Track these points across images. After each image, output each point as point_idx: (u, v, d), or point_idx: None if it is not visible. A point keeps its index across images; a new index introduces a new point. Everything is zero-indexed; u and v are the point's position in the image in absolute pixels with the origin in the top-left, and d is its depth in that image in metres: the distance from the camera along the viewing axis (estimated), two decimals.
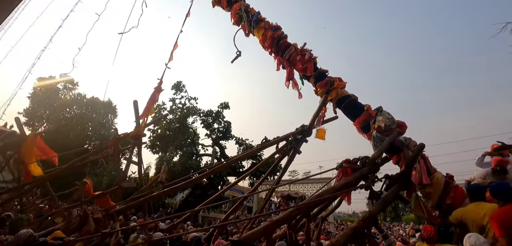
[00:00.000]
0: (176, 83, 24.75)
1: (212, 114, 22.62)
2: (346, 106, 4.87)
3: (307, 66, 5.28)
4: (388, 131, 4.05)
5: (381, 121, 4.14)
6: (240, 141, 22.54)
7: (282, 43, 5.79)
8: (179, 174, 21.30)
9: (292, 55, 5.52)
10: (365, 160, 3.71)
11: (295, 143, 4.77)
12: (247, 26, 6.40)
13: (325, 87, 5.05)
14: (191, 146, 22.92)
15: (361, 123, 4.54)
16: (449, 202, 3.24)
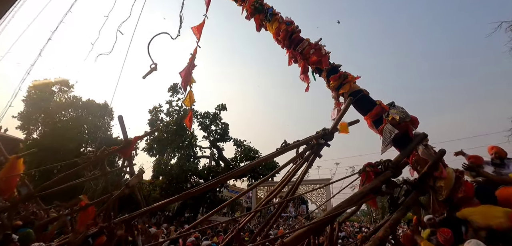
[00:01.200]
0: (172, 86, 24.64)
1: (210, 116, 22.56)
2: (358, 100, 4.84)
3: (322, 59, 5.40)
4: (402, 124, 4.07)
5: (395, 114, 4.16)
6: (238, 142, 22.48)
7: (295, 37, 5.90)
8: (176, 176, 21.23)
9: (305, 49, 5.64)
10: (387, 163, 3.71)
11: (317, 147, 4.54)
12: (261, 19, 6.55)
13: (338, 80, 5.13)
14: (188, 148, 22.82)
15: (374, 117, 4.55)
16: (461, 195, 3.29)
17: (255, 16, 6.75)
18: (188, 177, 22.04)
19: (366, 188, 3.52)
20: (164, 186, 21.34)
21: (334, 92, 5.24)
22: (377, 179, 3.57)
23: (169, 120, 23.63)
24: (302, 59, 5.74)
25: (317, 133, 4.52)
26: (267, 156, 4.39)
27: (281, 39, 6.07)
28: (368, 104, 4.69)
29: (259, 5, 6.59)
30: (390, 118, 4.16)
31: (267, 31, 6.65)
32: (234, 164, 21.13)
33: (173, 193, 22.02)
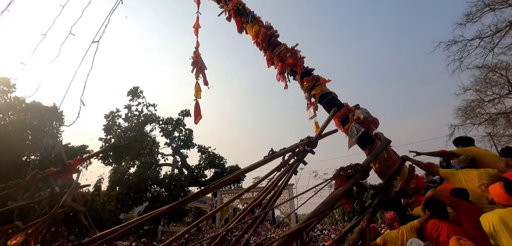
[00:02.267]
0: (132, 89, 23.11)
1: (172, 122, 21.54)
2: (328, 101, 5.36)
3: (297, 63, 5.87)
4: (365, 122, 4.59)
5: (360, 113, 4.68)
6: (203, 149, 21.79)
7: (273, 40, 6.35)
8: (135, 186, 19.82)
9: (282, 52, 6.06)
10: (357, 167, 3.93)
11: (302, 154, 4.63)
12: (243, 22, 6.94)
13: (311, 82, 5.58)
14: (149, 156, 21.50)
15: (341, 117, 5.01)
16: (413, 186, 3.82)
17: (237, 18, 7.13)
18: (148, 186, 20.74)
19: (341, 191, 3.75)
20: (120, 197, 19.77)
21: (306, 93, 5.69)
22: (350, 182, 3.82)
23: (127, 126, 22.07)
24: (279, 61, 6.11)
25: (301, 140, 4.65)
26: (254, 164, 4.35)
27: (260, 42, 6.45)
28: (336, 105, 5.17)
29: (241, 8, 7.03)
30: (356, 118, 4.67)
31: (247, 34, 7.06)
32: (198, 172, 20.42)
33: (131, 204, 20.54)
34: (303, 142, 4.59)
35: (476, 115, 14.61)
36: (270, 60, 6.46)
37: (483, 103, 14.43)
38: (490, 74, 14.06)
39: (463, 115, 15.03)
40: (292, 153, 4.67)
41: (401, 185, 3.95)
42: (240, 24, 7.13)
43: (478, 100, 14.55)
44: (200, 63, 7.77)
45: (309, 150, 4.55)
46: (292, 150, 4.64)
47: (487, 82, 14.15)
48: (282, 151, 4.68)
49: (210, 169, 20.86)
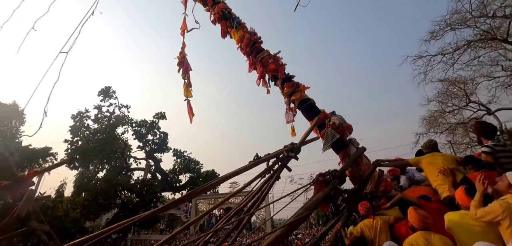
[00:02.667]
0: (104, 89, 21.89)
1: (146, 125, 20.65)
2: (306, 107, 5.61)
3: (279, 69, 6.09)
4: (340, 128, 4.93)
5: (335, 119, 5.00)
6: (178, 153, 21.09)
7: (257, 46, 6.49)
8: (103, 191, 18.63)
9: (265, 58, 6.27)
10: (334, 173, 4.20)
11: (286, 160, 4.70)
12: (227, 26, 7.06)
13: (291, 88, 5.80)
14: (120, 160, 20.37)
15: (317, 122, 5.23)
16: (382, 189, 4.17)
17: (222, 22, 7.19)
18: (118, 191, 19.59)
19: (321, 195, 3.96)
20: (86, 204, 18.45)
21: (286, 98, 5.89)
22: (328, 187, 4.05)
23: (97, 127, 20.78)
24: (261, 67, 6.26)
25: (285, 146, 4.72)
26: (239, 169, 4.31)
27: (244, 46, 6.57)
28: (314, 111, 5.44)
29: (227, 13, 7.11)
30: (331, 123, 4.98)
31: (231, 38, 7.16)
32: (172, 177, 19.68)
33: (98, 211, 19.24)
34: (287, 148, 4.69)
35: (439, 125, 15.83)
36: (252, 65, 6.60)
37: (444, 114, 15.66)
38: (450, 87, 15.33)
39: (427, 125, 16.23)
40: (277, 159, 4.72)
41: (371, 188, 4.22)
42: (225, 29, 7.21)
43: (440, 111, 15.78)
44: (186, 64, 7.80)
45: (293, 156, 4.67)
46: (276, 155, 4.68)
47: (448, 95, 15.40)
48: (267, 157, 4.72)
49: (185, 174, 20.21)
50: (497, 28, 13.54)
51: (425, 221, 2.53)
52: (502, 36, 13.10)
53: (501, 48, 13.78)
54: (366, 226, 3.25)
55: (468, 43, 14.17)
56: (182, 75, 7.68)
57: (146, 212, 3.80)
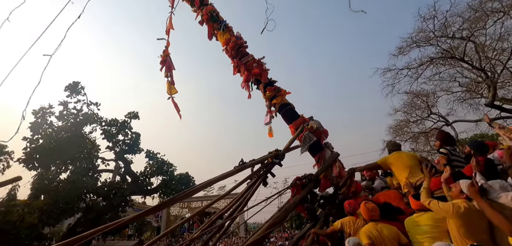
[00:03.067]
0: (72, 84, 20.52)
1: (117, 124, 19.61)
2: (286, 111, 5.88)
3: (262, 73, 6.31)
4: (317, 132, 5.23)
5: (313, 124, 5.30)
6: (151, 155, 20.27)
7: (242, 50, 6.70)
8: (66, 194, 17.31)
9: (249, 62, 6.48)
10: (310, 177, 4.48)
11: (270, 166, 4.89)
12: (214, 28, 7.21)
13: (273, 92, 6.07)
14: (86, 160, 19.11)
15: (297, 125, 5.53)
16: (353, 190, 4.46)
17: (209, 24, 7.32)
18: (83, 194, 18.31)
19: (298, 198, 4.21)
20: (45, 208, 17.01)
21: (268, 101, 6.11)
22: (304, 191, 4.32)
23: (61, 125, 19.36)
24: (245, 70, 6.44)
25: (269, 153, 4.88)
26: (225, 173, 4.43)
27: (230, 49, 6.73)
28: (294, 116, 5.75)
29: (215, 15, 7.26)
30: (309, 127, 5.26)
31: (217, 40, 7.33)
32: (143, 179, 18.83)
33: (59, 215, 17.82)
34: (271, 154, 4.89)
35: (404, 134, 16.96)
36: (236, 68, 6.76)
37: (409, 124, 16.82)
38: (415, 99, 16.51)
39: (393, 133, 17.34)
40: (261, 165, 4.89)
41: (344, 189, 4.54)
42: (212, 30, 7.35)
43: (405, 121, 16.92)
44: (168, 62, 7.82)
45: (277, 162, 4.90)
46: (261, 161, 4.83)
47: (413, 106, 16.57)
48: (252, 162, 4.86)
49: (158, 177, 19.45)
50: (455, 47, 14.84)
51: (372, 213, 2.92)
52: (460, 55, 14.37)
53: (459, 66, 15.13)
54: (348, 223, 3.37)
55: (430, 60, 15.37)
56: (165, 74, 7.72)
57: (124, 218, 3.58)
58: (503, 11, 12.69)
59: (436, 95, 16.34)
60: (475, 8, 13.39)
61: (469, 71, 14.78)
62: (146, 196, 19.53)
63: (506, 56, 13.28)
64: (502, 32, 13.33)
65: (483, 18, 13.24)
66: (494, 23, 13.39)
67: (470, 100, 15.41)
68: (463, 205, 2.31)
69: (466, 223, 2.26)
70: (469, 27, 13.81)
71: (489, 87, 13.22)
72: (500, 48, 13.61)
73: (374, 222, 2.85)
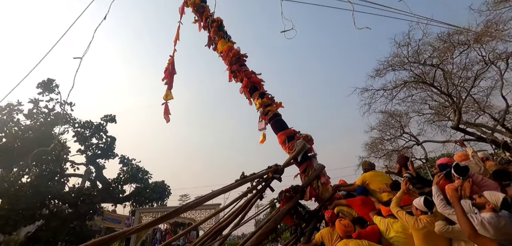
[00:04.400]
0: (45, 81, 19.42)
1: (92, 127, 18.67)
2: (276, 121, 6.27)
3: (260, 84, 6.92)
4: (311, 140, 5.70)
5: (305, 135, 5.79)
6: (125, 160, 19.36)
7: (242, 60, 7.32)
8: (27, 199, 15.95)
9: (248, 71, 7.09)
10: (297, 188, 4.71)
11: (270, 180, 4.97)
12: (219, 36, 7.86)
13: (270, 100, 6.61)
14: (54, 163, 17.87)
15: (287, 134, 5.92)
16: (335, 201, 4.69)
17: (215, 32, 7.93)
18: (47, 200, 16.98)
19: (286, 208, 4.40)
20: (2, 213, 15.51)
21: (262, 108, 6.46)
22: (292, 202, 4.54)
23: (29, 124, 18.12)
24: (245, 77, 6.96)
25: (269, 167, 4.98)
26: (227, 186, 4.49)
27: (232, 55, 7.29)
28: (283, 125, 6.18)
29: (222, 26, 8.08)
30: (304, 136, 5.71)
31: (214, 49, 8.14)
32: (115, 186, 17.84)
33: (18, 222, 16.30)
34: (271, 169, 4.98)
35: (379, 150, 17.68)
36: (233, 73, 7.26)
37: (383, 141, 17.60)
38: (389, 119, 17.37)
39: (369, 150, 18.06)
40: (261, 179, 4.97)
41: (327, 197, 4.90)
42: (213, 38, 8.02)
43: (380, 139, 17.72)
44: (171, 69, 8.54)
45: (276, 177, 4.97)
46: (261, 176, 4.90)
47: (387, 125, 17.44)
48: (252, 177, 4.92)
49: (131, 184, 18.52)
50: (427, 73, 15.94)
51: (347, 229, 3.15)
52: (430, 80, 15.43)
53: (429, 90, 16.20)
54: (326, 235, 3.57)
55: (404, 83, 16.36)
56: (163, 78, 8.44)
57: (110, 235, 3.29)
58: (468, 44, 13.89)
59: (408, 116, 17.35)
60: (444, 39, 14.55)
61: (438, 95, 15.84)
62: (117, 203, 18.43)
63: (470, 84, 14.44)
64: (467, 62, 14.56)
65: (450, 48, 14.39)
66: (460, 54, 14.60)
67: (439, 122, 16.46)
68: (423, 220, 2.66)
69: (425, 236, 2.62)
70: (438, 56, 14.94)
71: (455, 111, 14.22)
72: (465, 77, 14.79)
73: (347, 238, 3.07)
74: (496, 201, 2.39)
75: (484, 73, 14.23)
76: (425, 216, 2.72)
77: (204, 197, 4.60)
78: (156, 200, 18.30)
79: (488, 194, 2.51)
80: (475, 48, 13.74)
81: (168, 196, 18.98)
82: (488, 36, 12.85)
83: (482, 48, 13.61)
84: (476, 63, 14.26)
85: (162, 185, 18.53)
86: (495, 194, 2.48)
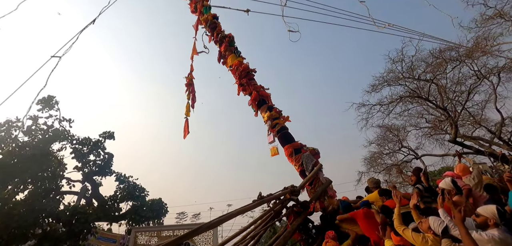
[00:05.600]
0: (46, 98, 19.58)
1: (90, 143, 18.61)
2: (284, 134, 6.51)
3: (268, 97, 7.26)
4: (317, 154, 6.02)
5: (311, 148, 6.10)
6: (122, 178, 19.10)
7: (251, 75, 7.72)
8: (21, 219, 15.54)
9: (256, 86, 7.46)
10: (305, 204, 4.83)
11: (286, 202, 5.00)
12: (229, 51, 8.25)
13: (278, 114, 6.90)
14: (50, 180, 17.60)
15: (294, 147, 6.16)
16: None
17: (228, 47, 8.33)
18: (41, 219, 16.54)
19: (295, 225, 4.48)
20: None
21: (270, 121, 6.72)
22: (300, 217, 4.62)
23: (27, 140, 18.05)
24: (254, 90, 7.30)
25: (285, 188, 5.01)
26: (245, 207, 4.51)
27: (242, 70, 7.65)
28: (290, 138, 6.41)
29: (233, 42, 8.50)
30: (311, 149, 5.97)
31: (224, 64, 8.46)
32: (111, 204, 17.46)
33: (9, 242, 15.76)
34: (288, 189, 5.05)
35: (378, 165, 17.62)
36: (241, 86, 7.62)
37: (382, 155, 17.58)
38: (387, 133, 17.47)
39: (368, 164, 17.97)
40: (278, 200, 5.02)
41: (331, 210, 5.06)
42: (223, 52, 8.41)
43: (379, 153, 17.71)
44: (193, 87, 9.02)
45: (294, 198, 5.08)
46: (278, 197, 4.98)
47: (385, 139, 17.50)
48: (270, 197, 4.96)
49: (128, 202, 18.13)
50: (421, 88, 16.26)
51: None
52: (425, 95, 15.72)
53: (425, 104, 16.44)
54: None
55: (400, 97, 16.65)
56: (188, 96, 8.88)
57: None
58: (459, 60, 14.31)
59: (406, 130, 17.47)
60: (436, 56, 15.00)
61: (434, 109, 16.07)
62: (112, 222, 17.96)
63: (464, 98, 14.70)
64: (460, 77, 14.92)
65: (443, 64, 14.80)
66: (452, 69, 14.98)
67: (436, 136, 16.56)
68: (430, 239, 2.64)
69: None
70: (432, 71, 15.32)
71: (451, 125, 14.36)
72: (459, 91, 15.10)
73: None
74: (492, 214, 2.44)
75: (477, 87, 14.55)
76: (431, 235, 2.67)
77: (224, 216, 4.44)
78: (152, 218, 17.86)
79: (482, 210, 2.57)
80: (467, 63, 14.14)
81: (165, 214, 18.55)
82: (479, 52, 13.28)
83: (473, 63, 14.00)
84: (469, 77, 14.63)
85: (159, 202, 18.15)
86: (488, 208, 2.53)
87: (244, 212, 4.52)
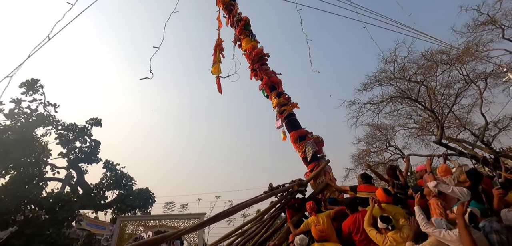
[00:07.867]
0: (30, 81, 18.84)
1: (76, 130, 18.09)
2: (291, 120, 6.68)
3: (279, 83, 7.38)
4: (321, 142, 6.19)
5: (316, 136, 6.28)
6: (110, 166, 18.76)
7: (264, 60, 7.84)
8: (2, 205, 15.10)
9: (268, 71, 7.61)
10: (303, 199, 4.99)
11: (295, 193, 5.15)
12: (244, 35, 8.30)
13: (287, 100, 7.04)
14: (33, 166, 17.10)
15: (300, 134, 6.28)
16: None
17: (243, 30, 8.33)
18: (23, 205, 16.13)
19: (295, 220, 4.60)
20: None
21: (278, 107, 6.88)
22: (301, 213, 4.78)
23: (9, 124, 17.40)
24: (265, 75, 7.44)
25: (292, 181, 5.24)
26: (257, 197, 4.65)
27: (255, 54, 7.73)
28: (297, 125, 6.57)
29: (248, 25, 8.49)
30: (315, 137, 6.12)
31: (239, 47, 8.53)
32: (97, 192, 17.17)
33: None
34: (295, 182, 5.23)
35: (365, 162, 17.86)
36: (253, 71, 7.75)
37: (370, 153, 17.84)
38: (376, 132, 17.70)
39: (355, 161, 18.26)
40: (286, 192, 5.21)
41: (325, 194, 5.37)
42: (239, 35, 8.44)
43: (367, 151, 17.94)
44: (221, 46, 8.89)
45: (302, 190, 5.23)
46: (286, 189, 5.17)
47: (374, 138, 17.75)
48: (279, 189, 5.16)
49: (114, 190, 17.87)
50: (412, 89, 16.45)
51: (321, 234, 3.46)
52: (415, 96, 15.92)
53: (414, 105, 16.68)
54: (312, 222, 3.85)
55: (390, 98, 16.82)
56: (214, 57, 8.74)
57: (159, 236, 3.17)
58: (450, 64, 14.49)
59: (394, 129, 17.74)
60: (427, 58, 15.14)
61: (422, 111, 16.34)
62: (98, 210, 17.70)
63: (452, 101, 14.98)
64: (449, 80, 15.14)
65: (434, 66, 14.97)
66: (442, 72, 15.19)
67: (422, 136, 16.90)
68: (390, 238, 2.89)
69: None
70: (423, 73, 15.49)
71: (437, 127, 14.66)
72: (447, 94, 15.36)
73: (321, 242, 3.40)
74: None
75: (465, 91, 14.84)
76: (391, 233, 2.91)
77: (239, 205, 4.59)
78: (139, 207, 17.68)
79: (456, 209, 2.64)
80: (457, 67, 14.36)
81: (152, 203, 18.40)
82: (469, 56, 13.48)
83: (463, 68, 14.23)
84: (458, 81, 14.88)
85: (146, 192, 17.96)
86: None
87: (257, 202, 4.76)
